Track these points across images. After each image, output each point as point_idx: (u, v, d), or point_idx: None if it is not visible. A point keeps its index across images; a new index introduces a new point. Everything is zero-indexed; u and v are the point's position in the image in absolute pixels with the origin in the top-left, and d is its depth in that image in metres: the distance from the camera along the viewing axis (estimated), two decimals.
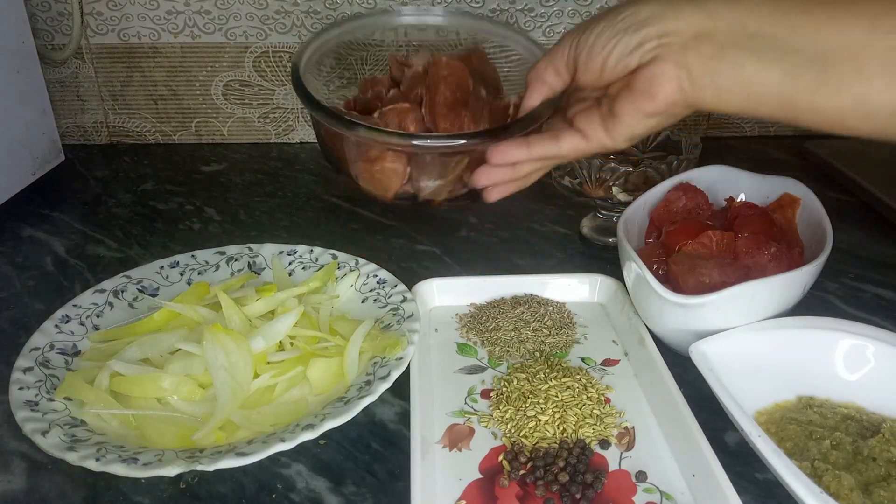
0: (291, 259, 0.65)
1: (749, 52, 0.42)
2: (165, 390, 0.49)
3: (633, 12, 0.45)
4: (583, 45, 0.48)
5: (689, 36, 0.44)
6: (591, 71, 0.48)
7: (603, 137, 0.50)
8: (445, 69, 0.58)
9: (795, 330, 0.51)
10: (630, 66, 0.46)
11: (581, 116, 0.51)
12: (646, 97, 0.46)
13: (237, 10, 0.86)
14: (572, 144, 0.51)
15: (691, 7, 0.44)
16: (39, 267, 0.68)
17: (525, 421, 0.48)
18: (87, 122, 0.94)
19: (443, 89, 0.57)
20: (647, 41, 0.45)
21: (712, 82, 0.43)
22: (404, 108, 0.57)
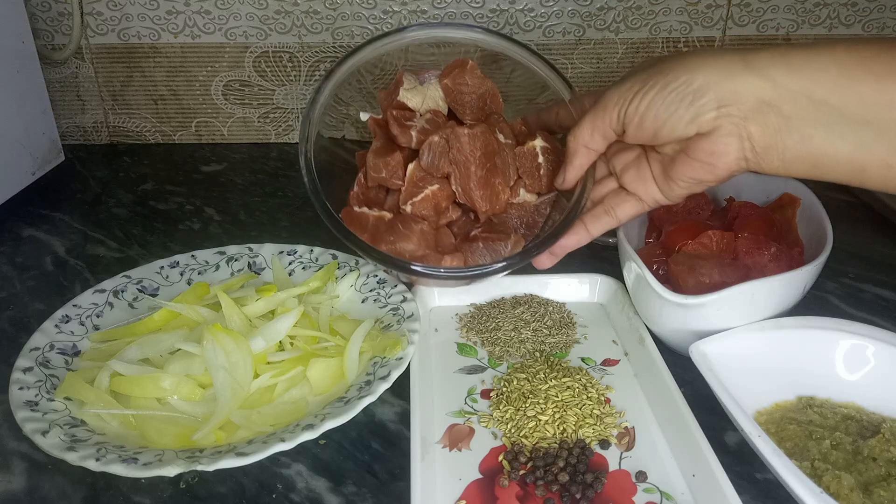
0: (291, 259, 0.65)
1: (818, 125, 0.41)
2: (165, 390, 0.49)
3: (686, 81, 0.43)
4: (632, 115, 0.46)
5: (751, 106, 0.42)
6: (643, 137, 0.47)
7: (658, 196, 0.49)
8: (470, 144, 0.55)
9: (795, 330, 0.51)
10: (688, 135, 0.44)
11: (631, 176, 0.50)
12: (707, 168, 0.45)
13: (237, 10, 0.86)
14: (628, 212, 0.51)
15: (750, 74, 0.42)
16: (39, 267, 0.68)
17: (525, 421, 0.48)
18: (87, 121, 0.94)
19: (475, 170, 0.55)
20: (704, 113, 0.43)
21: (779, 154, 0.42)
22: (435, 192, 0.56)
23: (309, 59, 0.89)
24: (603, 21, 0.87)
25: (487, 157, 0.55)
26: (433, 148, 0.55)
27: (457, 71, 0.59)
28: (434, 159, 0.55)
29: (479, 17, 0.87)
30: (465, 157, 0.55)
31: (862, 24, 0.87)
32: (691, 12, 0.87)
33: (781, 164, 0.42)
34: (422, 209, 0.56)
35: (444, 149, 0.55)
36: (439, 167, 0.55)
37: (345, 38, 0.88)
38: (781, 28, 0.87)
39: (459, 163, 0.55)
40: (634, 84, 0.46)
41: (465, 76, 0.59)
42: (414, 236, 0.54)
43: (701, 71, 0.43)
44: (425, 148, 0.55)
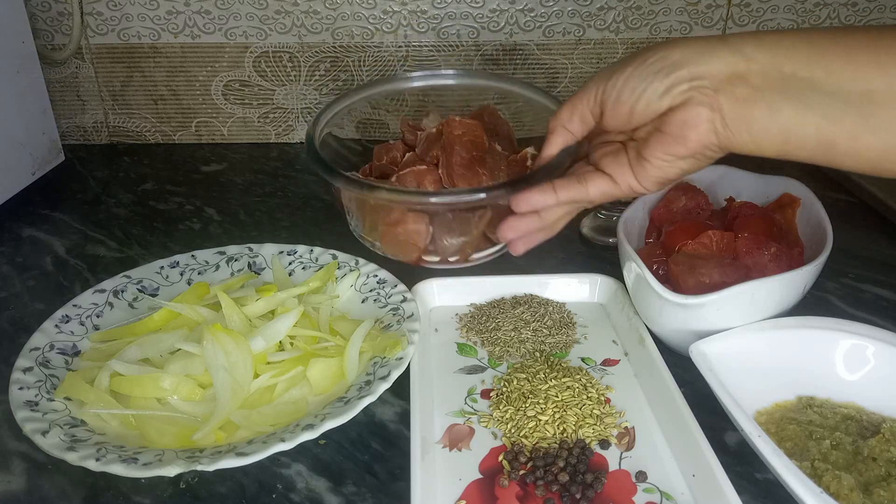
0: (291, 259, 0.65)
1: (785, 96, 0.41)
2: (165, 390, 0.49)
3: (664, 55, 0.44)
4: (610, 90, 0.46)
5: (723, 79, 0.42)
6: (619, 115, 0.47)
7: (632, 181, 0.48)
8: (459, 129, 0.58)
9: (795, 330, 0.51)
10: (660, 109, 0.45)
11: (608, 160, 0.50)
12: (678, 141, 0.44)
13: (237, 10, 0.86)
14: (600, 188, 0.50)
15: (725, 49, 0.42)
16: (39, 267, 0.68)
17: (525, 421, 0.48)
18: (87, 121, 0.94)
19: (458, 149, 0.57)
20: (678, 84, 0.43)
21: (747, 126, 0.42)
22: (421, 170, 0.58)
23: (309, 59, 0.89)
24: (603, 21, 0.87)
25: (475, 145, 0.58)
26: (428, 137, 0.61)
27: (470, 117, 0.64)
28: (426, 146, 0.60)
29: (480, 18, 0.87)
30: (454, 139, 0.58)
31: (862, 24, 0.87)
32: (691, 12, 0.87)
33: (750, 138, 0.43)
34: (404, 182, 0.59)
35: (437, 138, 0.59)
36: (430, 151, 0.60)
37: (345, 37, 0.88)
38: (782, 28, 0.87)
39: (447, 145, 0.58)
40: (615, 65, 0.47)
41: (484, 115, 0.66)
42: None
43: (678, 48, 0.44)
44: (422, 137, 0.61)
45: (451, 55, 0.89)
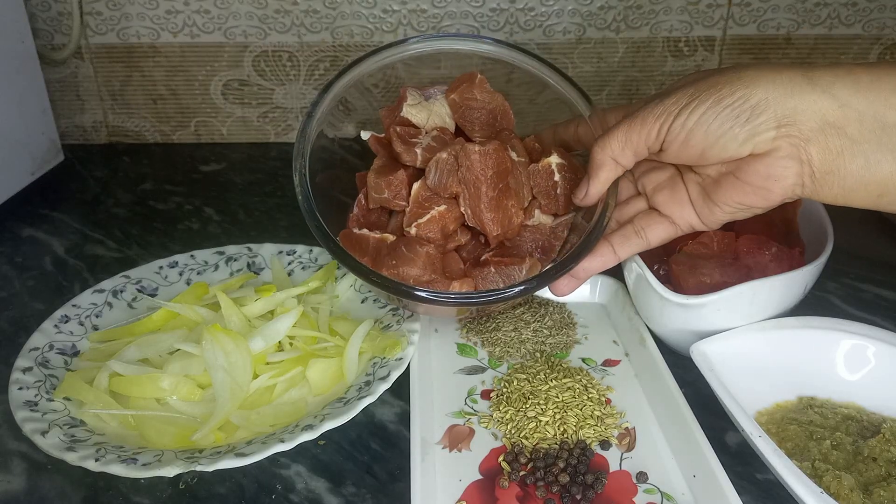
0: (291, 259, 0.65)
1: (885, 148, 0.37)
2: (164, 390, 0.49)
3: (743, 97, 0.39)
4: (678, 129, 0.42)
5: (814, 127, 0.38)
6: (686, 156, 0.42)
7: (693, 220, 0.45)
8: (481, 162, 0.50)
9: (796, 330, 0.51)
10: (740, 155, 0.40)
11: (664, 198, 0.46)
12: (758, 193, 0.41)
13: (236, 10, 0.86)
14: (660, 235, 0.47)
15: (814, 91, 0.38)
16: (39, 267, 0.68)
17: (525, 422, 0.48)
18: (86, 121, 0.94)
19: (486, 191, 0.51)
20: (763, 132, 0.39)
21: (839, 180, 0.39)
22: (443, 213, 0.51)
23: (308, 58, 0.89)
24: (603, 20, 0.87)
25: (500, 177, 0.51)
26: (440, 166, 0.51)
27: (465, 86, 0.55)
28: (441, 178, 0.51)
29: (480, 17, 0.86)
30: (476, 176, 0.50)
31: (862, 24, 0.87)
32: (692, 12, 0.86)
33: (841, 192, 0.39)
34: (428, 231, 0.51)
35: (453, 167, 0.51)
36: (447, 187, 0.51)
37: (344, 37, 0.88)
38: (782, 28, 0.87)
39: (469, 182, 0.51)
40: (681, 98, 0.42)
41: (474, 91, 0.55)
42: (419, 260, 0.50)
43: (759, 86, 0.39)
44: (432, 166, 0.51)
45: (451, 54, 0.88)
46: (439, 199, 0.51)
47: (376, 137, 0.56)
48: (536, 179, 0.54)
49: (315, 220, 0.49)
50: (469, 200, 0.51)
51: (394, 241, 0.51)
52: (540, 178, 0.54)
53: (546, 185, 0.54)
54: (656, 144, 0.44)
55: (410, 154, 0.53)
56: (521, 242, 0.54)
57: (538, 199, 0.54)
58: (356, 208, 0.55)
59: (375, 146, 0.56)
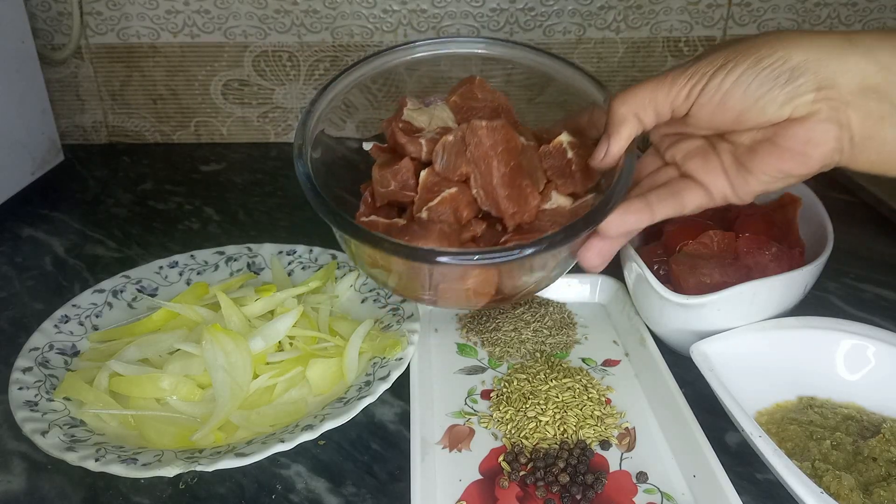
0: (291, 259, 0.65)
1: None
2: (164, 390, 0.49)
3: (783, 57, 0.38)
4: (712, 90, 0.40)
5: (854, 90, 0.37)
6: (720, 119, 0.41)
7: (727, 191, 0.43)
8: (490, 138, 0.47)
9: (796, 330, 0.51)
10: (779, 118, 0.39)
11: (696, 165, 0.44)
12: (796, 159, 0.39)
13: (236, 10, 0.86)
14: (696, 201, 0.44)
15: (855, 53, 0.37)
16: (39, 267, 0.68)
17: (525, 422, 0.48)
18: (86, 121, 0.94)
19: (497, 165, 0.47)
20: (802, 94, 0.38)
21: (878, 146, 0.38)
22: (454, 195, 0.48)
23: (308, 58, 0.89)
24: (603, 20, 0.87)
25: (510, 154, 0.48)
26: (448, 148, 0.48)
27: (464, 87, 0.54)
28: (450, 160, 0.48)
29: (480, 17, 0.86)
30: (485, 152, 0.47)
31: (862, 23, 0.87)
32: (692, 11, 0.86)
33: (878, 158, 0.38)
34: (440, 214, 0.48)
35: (461, 147, 0.48)
36: (456, 167, 0.48)
37: (344, 37, 0.88)
38: (782, 28, 0.87)
39: (479, 160, 0.48)
40: (716, 59, 0.40)
41: (475, 91, 0.54)
42: (432, 235, 0.46)
43: (800, 47, 0.38)
44: (439, 149, 0.48)
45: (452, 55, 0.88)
46: (449, 183, 0.49)
47: (379, 147, 0.54)
48: (549, 161, 0.51)
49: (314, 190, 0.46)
50: (481, 180, 0.48)
51: (405, 224, 0.49)
52: (553, 159, 0.51)
53: (560, 165, 0.50)
54: (684, 106, 0.42)
55: (415, 145, 0.50)
56: (539, 227, 0.50)
57: (553, 180, 0.51)
58: (362, 207, 0.52)
59: (377, 154, 0.54)
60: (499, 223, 0.50)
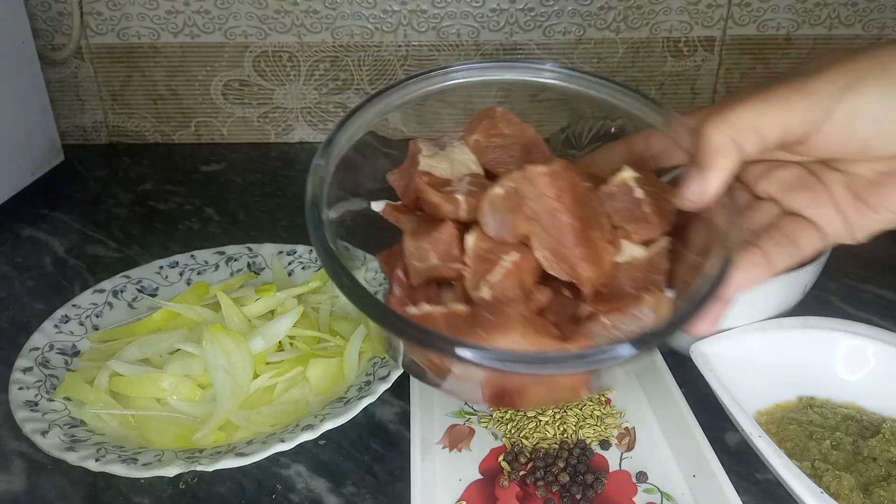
0: (291, 259, 0.65)
1: None
2: (165, 390, 0.49)
3: None
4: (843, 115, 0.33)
5: None
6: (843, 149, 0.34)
7: (841, 230, 0.36)
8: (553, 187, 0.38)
9: (796, 330, 0.51)
10: None
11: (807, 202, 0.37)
12: None
13: (237, 10, 0.86)
14: (812, 245, 0.37)
15: None
16: (39, 267, 0.68)
17: (525, 421, 0.48)
18: (86, 121, 0.94)
19: (566, 220, 0.38)
20: None
21: None
22: (518, 263, 0.38)
23: (308, 58, 0.89)
24: (603, 21, 0.87)
25: (579, 203, 0.39)
26: (498, 204, 0.38)
27: (485, 123, 0.45)
28: (504, 219, 0.38)
29: (480, 17, 0.86)
30: (549, 205, 0.38)
31: (862, 24, 0.87)
32: (692, 12, 0.86)
33: None
34: (505, 290, 0.38)
35: (515, 201, 0.38)
36: (514, 228, 0.38)
37: (344, 37, 0.88)
38: (782, 28, 0.87)
39: (541, 215, 0.38)
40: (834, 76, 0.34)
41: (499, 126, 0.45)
42: (514, 324, 0.35)
43: None
44: (486, 206, 0.38)
45: (451, 55, 0.89)
46: (506, 247, 0.38)
47: (393, 206, 0.44)
48: (613, 203, 0.41)
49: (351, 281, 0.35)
50: (546, 239, 0.38)
51: (470, 310, 0.38)
52: (618, 200, 0.41)
53: (627, 207, 0.41)
54: (798, 132, 0.34)
55: (451, 203, 0.40)
56: (619, 290, 0.41)
57: (621, 226, 0.42)
58: (395, 289, 0.41)
59: (395, 216, 0.43)
60: (566, 287, 0.40)
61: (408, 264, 0.40)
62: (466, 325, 0.36)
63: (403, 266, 0.41)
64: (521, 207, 0.38)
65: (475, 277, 0.38)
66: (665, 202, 0.41)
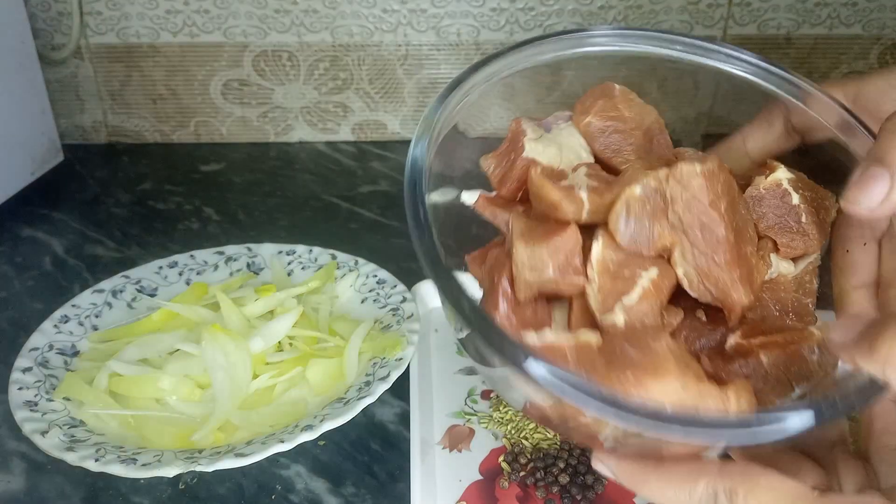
0: (290, 259, 0.65)
1: None
2: (164, 391, 0.49)
3: None
4: None
5: None
6: None
7: None
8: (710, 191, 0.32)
9: None
10: None
11: None
12: None
13: (236, 9, 0.86)
14: None
15: None
16: (38, 267, 0.68)
17: (525, 422, 0.48)
18: (86, 121, 0.94)
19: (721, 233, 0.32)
20: None
21: None
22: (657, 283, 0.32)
23: (308, 58, 0.89)
24: (604, 20, 0.87)
25: (733, 212, 0.33)
26: (636, 207, 0.32)
27: (601, 103, 0.38)
28: (642, 227, 0.32)
29: (480, 16, 0.86)
30: (704, 214, 0.32)
31: (862, 24, 0.87)
32: (692, 11, 0.86)
33: None
34: (643, 315, 0.32)
35: (659, 205, 0.32)
36: (655, 240, 0.32)
37: (344, 36, 0.88)
38: (782, 28, 0.87)
39: (692, 226, 0.32)
40: None
41: (619, 107, 0.38)
42: (669, 365, 0.29)
43: None
44: (620, 210, 0.32)
45: (452, 54, 0.89)
46: (643, 261, 0.32)
47: (488, 199, 0.38)
48: (762, 208, 0.36)
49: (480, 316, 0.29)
50: (693, 255, 0.32)
51: (605, 343, 0.31)
52: (766, 206, 0.36)
53: (779, 214, 0.36)
54: None
55: (573, 202, 0.33)
56: (766, 313, 0.36)
57: (769, 237, 0.36)
58: (502, 303, 0.34)
59: (490, 210, 0.37)
60: (701, 308, 0.35)
61: (517, 275, 0.33)
62: (604, 364, 0.30)
63: (510, 276, 0.34)
64: (665, 213, 0.32)
65: (605, 298, 0.32)
66: (823, 211, 0.35)
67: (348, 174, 0.87)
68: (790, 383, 0.32)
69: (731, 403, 0.29)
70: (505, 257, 0.34)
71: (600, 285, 0.32)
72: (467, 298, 0.29)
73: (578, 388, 0.26)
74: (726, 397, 0.29)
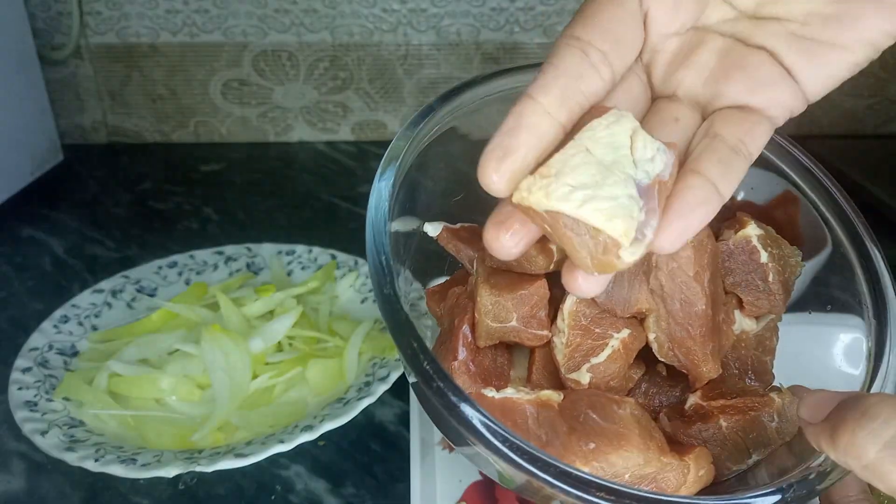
0: (290, 259, 0.65)
1: None
2: (164, 391, 0.49)
3: None
4: None
5: None
6: None
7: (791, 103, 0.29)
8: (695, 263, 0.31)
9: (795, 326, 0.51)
10: None
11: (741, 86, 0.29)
12: None
13: (236, 9, 0.86)
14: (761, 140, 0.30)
15: None
16: (38, 267, 0.68)
17: None
18: (85, 121, 0.94)
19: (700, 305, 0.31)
20: None
21: None
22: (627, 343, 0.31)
23: (308, 58, 0.89)
24: None
25: (714, 284, 0.32)
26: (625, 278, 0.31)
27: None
28: (623, 286, 0.31)
29: (480, 16, 0.86)
30: (685, 286, 0.31)
31: None
32: None
33: None
34: (608, 376, 0.31)
35: (642, 268, 0.31)
36: (631, 304, 0.31)
37: (344, 36, 0.88)
38: None
39: (671, 295, 0.31)
40: None
41: None
42: (632, 435, 0.28)
43: None
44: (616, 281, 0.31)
45: (451, 54, 0.89)
46: (616, 321, 0.31)
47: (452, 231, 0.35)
48: (731, 263, 0.34)
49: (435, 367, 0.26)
50: (669, 324, 0.31)
51: (567, 403, 0.29)
52: (736, 262, 0.35)
53: (748, 272, 0.35)
54: None
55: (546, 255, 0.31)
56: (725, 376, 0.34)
57: (734, 293, 0.35)
58: (461, 349, 0.32)
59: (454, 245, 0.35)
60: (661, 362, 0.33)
61: (479, 322, 0.32)
62: (566, 429, 0.28)
63: (471, 322, 0.32)
64: (647, 277, 0.31)
65: (571, 352, 0.31)
66: (789, 270, 0.35)
67: (348, 174, 0.87)
68: (748, 450, 0.31)
69: (691, 474, 0.29)
70: (467, 300, 0.33)
71: (569, 339, 0.31)
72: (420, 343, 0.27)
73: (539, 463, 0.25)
74: (686, 468, 0.29)
